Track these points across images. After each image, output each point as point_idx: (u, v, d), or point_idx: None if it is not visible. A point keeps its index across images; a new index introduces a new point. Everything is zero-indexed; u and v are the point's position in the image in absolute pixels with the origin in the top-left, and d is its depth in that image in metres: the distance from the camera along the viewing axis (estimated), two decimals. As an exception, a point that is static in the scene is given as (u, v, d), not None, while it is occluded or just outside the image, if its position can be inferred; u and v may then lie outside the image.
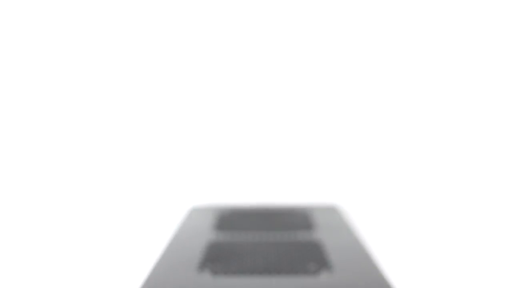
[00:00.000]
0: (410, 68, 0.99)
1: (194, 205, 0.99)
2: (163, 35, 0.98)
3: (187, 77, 1.00)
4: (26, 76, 0.99)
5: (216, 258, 0.66)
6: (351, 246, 0.73)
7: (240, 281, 0.59)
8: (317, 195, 1.01)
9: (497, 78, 0.98)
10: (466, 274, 0.76)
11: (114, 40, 0.98)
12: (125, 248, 0.88)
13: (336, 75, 1.00)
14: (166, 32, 0.98)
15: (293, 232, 0.78)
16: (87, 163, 1.01)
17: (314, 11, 0.98)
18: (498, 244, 0.88)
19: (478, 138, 0.99)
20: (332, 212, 0.94)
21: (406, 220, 0.98)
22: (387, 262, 0.69)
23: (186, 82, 1.00)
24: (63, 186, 1.00)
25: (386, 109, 1.00)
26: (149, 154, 1.01)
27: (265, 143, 1.01)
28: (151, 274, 0.61)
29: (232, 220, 0.88)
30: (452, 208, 0.98)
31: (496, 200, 0.97)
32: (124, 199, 1.01)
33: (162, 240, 0.75)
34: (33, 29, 0.98)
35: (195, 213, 0.94)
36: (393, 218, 0.98)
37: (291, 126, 1.01)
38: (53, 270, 0.78)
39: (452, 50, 0.98)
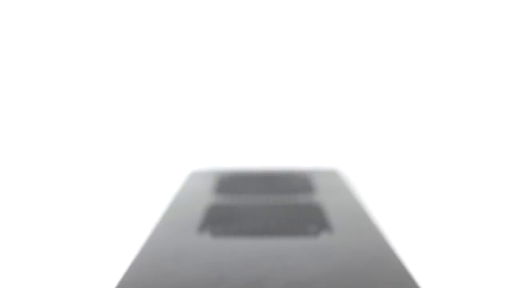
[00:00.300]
0: (411, 37, 0.98)
1: (194, 169, 0.99)
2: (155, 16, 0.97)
3: (187, 48, 0.99)
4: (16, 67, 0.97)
5: (216, 220, 0.66)
6: (351, 209, 0.73)
7: (240, 242, 0.59)
8: (318, 160, 1.01)
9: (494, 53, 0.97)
10: (461, 234, 0.76)
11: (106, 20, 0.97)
12: (126, 211, 0.89)
13: (338, 44, 0.98)
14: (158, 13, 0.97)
15: (293, 195, 0.78)
16: (88, 126, 1.00)
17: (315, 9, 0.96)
18: (492, 208, 0.89)
19: (475, 101, 0.98)
20: (332, 175, 0.93)
21: (405, 183, 0.98)
22: (386, 224, 0.69)
23: (186, 53, 0.99)
24: (66, 149, 1.00)
25: (388, 73, 0.99)
26: (150, 119, 1.01)
27: (266, 108, 1.01)
28: (152, 235, 0.61)
29: (232, 183, 0.87)
30: (450, 171, 0.98)
31: (488, 163, 0.97)
32: (125, 163, 1.01)
33: (162, 203, 0.75)
34: (26, 25, 0.97)
35: (195, 177, 0.93)
36: (392, 181, 0.99)
37: (292, 91, 1.00)
38: (54, 231, 0.79)
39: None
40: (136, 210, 0.87)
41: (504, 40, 0.95)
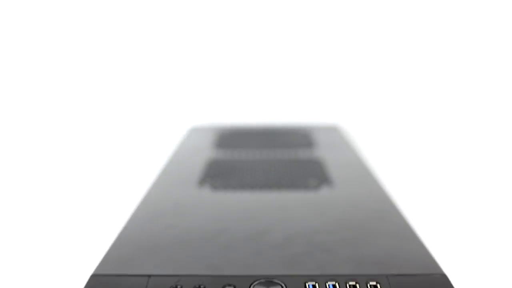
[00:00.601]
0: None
1: (193, 125, 0.98)
2: None
3: (188, 5, 0.97)
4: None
5: (216, 175, 0.66)
6: (352, 163, 0.72)
7: (240, 196, 0.59)
8: (319, 116, 1.00)
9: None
10: (462, 189, 0.76)
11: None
12: (126, 166, 0.88)
13: (341, 2, 0.96)
14: None
15: (294, 150, 0.78)
16: (88, 83, 0.99)
17: None
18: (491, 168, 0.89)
19: (478, 53, 0.97)
20: (333, 131, 0.93)
21: (406, 139, 0.97)
22: (387, 179, 0.69)
23: (187, 10, 0.97)
24: (68, 104, 0.99)
25: (389, 29, 0.97)
26: (151, 75, 1.00)
27: (267, 64, 0.99)
28: (151, 189, 0.61)
29: (232, 139, 0.87)
30: (451, 126, 0.97)
31: (489, 113, 0.97)
32: (125, 119, 1.00)
33: (162, 159, 0.75)
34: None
35: (195, 132, 0.93)
36: (393, 137, 0.98)
37: (293, 46, 0.98)
38: (53, 188, 0.79)
39: None
40: (136, 165, 0.87)
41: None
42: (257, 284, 0.39)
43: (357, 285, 0.38)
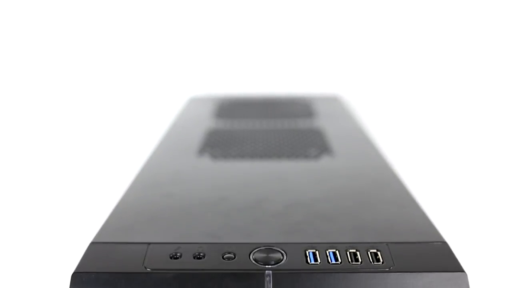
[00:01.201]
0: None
1: (192, 95, 0.97)
2: None
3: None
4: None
5: (216, 144, 0.65)
6: (352, 133, 0.72)
7: (240, 165, 0.59)
8: (320, 87, 0.99)
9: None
10: (463, 159, 0.76)
11: None
12: (125, 136, 0.88)
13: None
14: None
15: (294, 120, 0.77)
16: (87, 52, 0.98)
17: None
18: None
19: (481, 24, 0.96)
20: (333, 101, 0.92)
21: (407, 108, 0.97)
22: (387, 149, 0.68)
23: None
24: (69, 75, 0.98)
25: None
26: (149, 45, 0.98)
27: (268, 34, 0.98)
28: (151, 158, 0.60)
29: (232, 108, 0.86)
30: (452, 95, 0.96)
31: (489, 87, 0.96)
32: (124, 89, 0.99)
33: (161, 129, 0.74)
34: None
35: (194, 102, 0.92)
36: (394, 107, 0.97)
37: (293, 16, 0.97)
38: (53, 153, 0.78)
39: None
40: (136, 135, 0.86)
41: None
42: (257, 251, 0.38)
43: (358, 253, 0.38)
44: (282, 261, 0.37)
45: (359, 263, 0.37)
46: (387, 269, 0.37)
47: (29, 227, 0.58)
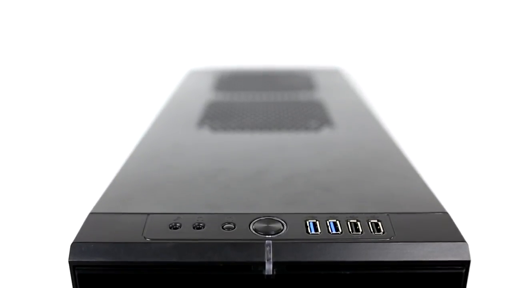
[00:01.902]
0: None
1: (192, 67, 0.96)
2: None
3: None
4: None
5: (216, 116, 0.65)
6: (353, 106, 0.71)
7: (240, 137, 0.58)
8: (321, 59, 0.98)
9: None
10: (463, 132, 0.76)
11: None
12: (125, 108, 0.88)
13: None
14: None
15: (295, 92, 0.76)
16: (87, 29, 0.97)
17: None
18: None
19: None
20: (334, 74, 0.91)
21: (408, 81, 0.96)
22: (388, 121, 0.68)
23: None
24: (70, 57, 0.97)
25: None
26: (149, 18, 0.97)
27: (269, 6, 0.97)
28: (150, 130, 0.60)
29: (232, 81, 0.85)
30: (452, 68, 0.96)
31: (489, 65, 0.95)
32: (124, 62, 0.98)
33: (160, 101, 0.74)
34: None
35: (194, 75, 0.91)
36: (395, 79, 0.96)
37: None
38: (56, 123, 0.78)
39: None
40: (135, 108, 0.86)
41: None
42: (257, 221, 0.38)
43: (358, 223, 0.38)
44: (282, 231, 0.37)
45: (360, 233, 0.37)
46: (388, 239, 0.36)
47: (29, 197, 0.58)
